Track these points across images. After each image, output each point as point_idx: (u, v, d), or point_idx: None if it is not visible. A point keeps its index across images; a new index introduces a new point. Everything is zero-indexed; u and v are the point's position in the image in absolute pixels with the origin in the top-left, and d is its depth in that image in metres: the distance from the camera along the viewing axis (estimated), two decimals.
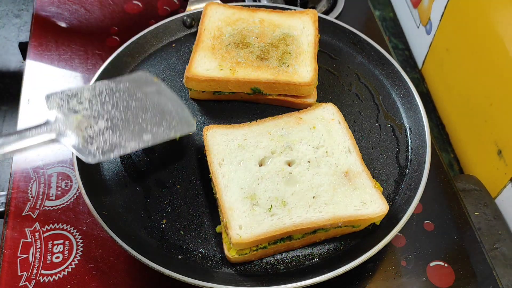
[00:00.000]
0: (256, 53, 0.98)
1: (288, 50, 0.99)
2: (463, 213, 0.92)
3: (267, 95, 0.96)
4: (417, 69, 1.31)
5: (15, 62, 1.96)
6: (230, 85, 0.95)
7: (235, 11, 1.05)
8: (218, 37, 1.01)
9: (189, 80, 0.95)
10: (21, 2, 2.14)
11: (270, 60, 0.97)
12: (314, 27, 1.03)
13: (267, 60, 0.97)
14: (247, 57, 0.97)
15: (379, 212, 0.78)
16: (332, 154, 0.85)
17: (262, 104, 0.99)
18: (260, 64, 0.96)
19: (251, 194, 0.80)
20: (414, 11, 1.30)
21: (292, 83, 0.93)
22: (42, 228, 0.88)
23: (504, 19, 0.94)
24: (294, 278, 0.75)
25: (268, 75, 0.94)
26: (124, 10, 1.26)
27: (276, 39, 1.00)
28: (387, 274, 0.85)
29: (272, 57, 0.97)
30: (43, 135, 0.79)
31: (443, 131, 1.21)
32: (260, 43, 0.99)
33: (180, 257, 0.80)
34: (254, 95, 0.97)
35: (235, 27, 1.02)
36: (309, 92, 0.96)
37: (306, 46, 1.00)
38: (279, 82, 0.93)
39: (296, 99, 0.97)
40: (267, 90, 0.95)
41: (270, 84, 0.94)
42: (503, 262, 0.89)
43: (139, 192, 0.87)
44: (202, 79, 0.94)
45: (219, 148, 0.86)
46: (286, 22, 1.04)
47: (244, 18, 1.04)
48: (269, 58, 0.97)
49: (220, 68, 0.96)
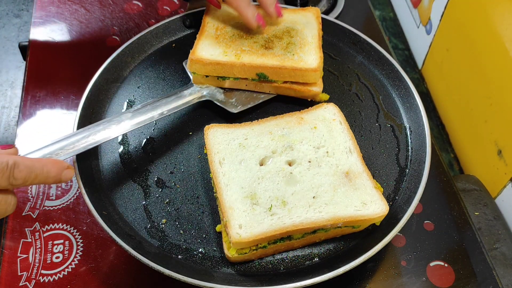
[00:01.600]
0: (260, 43, 0.98)
1: (292, 41, 0.99)
2: (463, 213, 0.92)
3: (272, 81, 0.96)
4: (417, 69, 1.31)
5: (15, 62, 1.95)
6: (235, 70, 0.94)
7: None
8: (222, 29, 1.01)
9: (194, 62, 0.94)
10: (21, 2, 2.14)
11: (275, 49, 0.97)
12: (317, 22, 1.03)
13: (272, 49, 0.97)
14: (251, 46, 0.97)
15: (379, 213, 0.78)
16: (333, 154, 0.85)
17: (262, 104, 0.99)
18: (265, 52, 0.96)
19: (252, 194, 0.80)
20: (414, 11, 1.30)
21: (298, 69, 0.93)
22: (42, 228, 0.88)
23: (504, 19, 0.94)
24: (294, 278, 0.75)
25: (274, 61, 0.94)
26: (124, 10, 1.26)
27: (280, 32, 1.00)
28: (387, 274, 0.85)
29: (276, 47, 0.97)
30: (196, 94, 0.96)
31: (443, 131, 1.21)
32: (264, 34, 1.00)
33: (180, 257, 0.80)
34: (259, 81, 0.96)
35: (239, 21, 1.02)
36: (315, 79, 0.95)
37: (310, 38, 1.00)
38: (285, 68, 0.93)
39: (302, 86, 0.96)
40: (273, 76, 0.95)
41: (276, 70, 0.93)
42: (503, 262, 0.89)
43: (139, 192, 0.87)
44: (207, 62, 0.94)
45: (220, 147, 0.86)
46: (289, 18, 1.04)
47: None
48: (273, 47, 0.97)
49: (225, 54, 0.95)
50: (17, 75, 1.91)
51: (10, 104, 1.83)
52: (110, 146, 0.93)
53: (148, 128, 0.95)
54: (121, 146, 0.93)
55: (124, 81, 1.02)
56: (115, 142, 0.93)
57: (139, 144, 0.93)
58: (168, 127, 0.96)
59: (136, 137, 0.94)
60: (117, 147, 0.93)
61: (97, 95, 0.97)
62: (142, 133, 0.95)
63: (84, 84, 1.10)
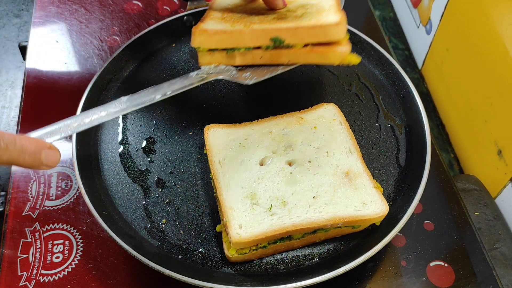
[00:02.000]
0: (272, 16, 0.85)
1: (308, 11, 0.85)
2: (463, 213, 0.92)
3: (290, 47, 0.82)
4: (417, 69, 1.31)
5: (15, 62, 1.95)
6: (246, 38, 0.81)
7: None
8: (229, 11, 0.90)
9: (197, 35, 0.82)
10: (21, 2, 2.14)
11: (289, 18, 0.83)
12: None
13: (286, 19, 0.83)
14: (262, 20, 0.84)
15: (379, 213, 0.78)
16: (333, 154, 0.85)
17: (263, 104, 0.99)
18: (278, 21, 0.83)
19: (252, 194, 0.80)
20: (414, 11, 1.30)
21: (318, 26, 0.79)
22: (42, 228, 0.88)
23: (504, 19, 0.94)
24: (294, 278, 0.75)
25: (289, 24, 0.81)
26: (124, 10, 1.26)
27: (294, 7, 0.87)
28: (387, 274, 0.85)
29: (290, 16, 0.84)
30: (203, 74, 0.83)
31: (443, 131, 1.21)
32: (276, 12, 0.87)
33: (180, 257, 0.80)
34: (275, 49, 0.82)
35: (246, 3, 0.93)
36: (340, 36, 0.80)
37: (327, 7, 0.85)
38: (303, 27, 0.79)
39: (326, 48, 0.81)
40: (290, 40, 0.81)
41: (293, 31, 0.80)
42: (503, 262, 0.89)
43: (139, 192, 0.87)
44: (212, 32, 0.82)
45: (220, 147, 0.86)
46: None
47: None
48: (287, 17, 0.83)
49: (233, 27, 0.83)
50: (17, 75, 1.91)
51: (10, 104, 1.83)
52: (110, 146, 0.93)
53: (148, 128, 0.95)
54: (121, 146, 0.93)
55: (124, 81, 1.02)
56: (115, 142, 0.93)
57: (139, 144, 0.93)
58: (168, 127, 0.96)
59: (136, 137, 0.94)
60: (117, 147, 0.93)
61: (97, 95, 0.97)
62: (142, 133, 0.95)
63: (84, 84, 1.10)
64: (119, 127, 0.95)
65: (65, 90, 1.09)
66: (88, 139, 0.92)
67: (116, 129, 0.95)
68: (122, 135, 0.94)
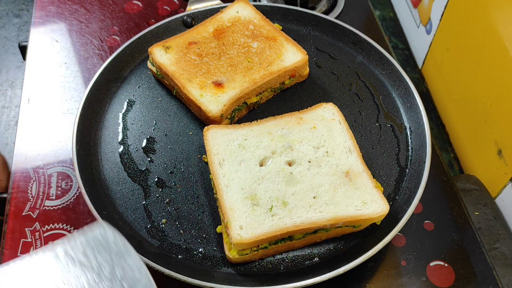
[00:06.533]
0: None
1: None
2: (463, 213, 0.92)
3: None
4: (417, 69, 1.31)
5: (15, 62, 1.95)
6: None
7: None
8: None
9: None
10: (21, 2, 2.14)
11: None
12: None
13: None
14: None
15: (379, 212, 0.78)
16: (333, 154, 0.85)
17: (262, 104, 0.99)
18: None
19: (252, 194, 0.80)
20: (414, 11, 1.30)
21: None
22: (42, 228, 0.88)
23: (504, 19, 0.94)
24: (294, 278, 0.75)
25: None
26: (124, 10, 1.26)
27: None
28: (387, 274, 0.85)
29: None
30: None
31: (443, 131, 1.21)
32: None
33: (180, 257, 0.80)
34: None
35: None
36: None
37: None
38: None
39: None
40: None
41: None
42: (503, 262, 0.89)
43: (139, 192, 0.87)
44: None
45: (219, 148, 0.86)
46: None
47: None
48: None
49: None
50: (17, 75, 1.91)
51: (10, 104, 1.83)
52: (110, 146, 0.93)
53: (148, 128, 0.95)
54: (121, 146, 0.93)
55: (124, 80, 1.02)
56: (115, 142, 0.93)
57: (139, 144, 0.93)
58: (168, 127, 0.96)
59: (136, 137, 0.94)
60: (117, 147, 0.93)
61: (97, 95, 0.97)
62: (142, 133, 0.95)
63: (84, 84, 1.10)
64: (119, 126, 0.95)
65: (65, 90, 1.09)
66: (88, 139, 0.92)
67: (116, 128, 0.95)
68: (122, 135, 0.94)
